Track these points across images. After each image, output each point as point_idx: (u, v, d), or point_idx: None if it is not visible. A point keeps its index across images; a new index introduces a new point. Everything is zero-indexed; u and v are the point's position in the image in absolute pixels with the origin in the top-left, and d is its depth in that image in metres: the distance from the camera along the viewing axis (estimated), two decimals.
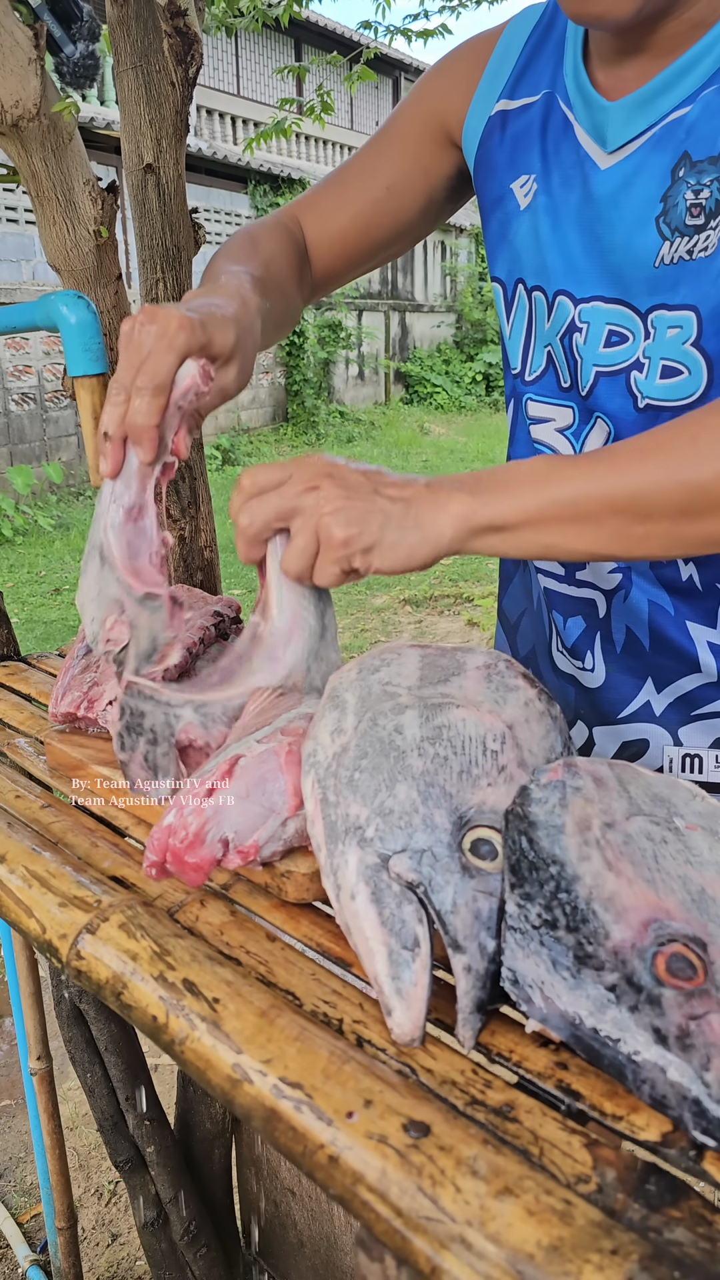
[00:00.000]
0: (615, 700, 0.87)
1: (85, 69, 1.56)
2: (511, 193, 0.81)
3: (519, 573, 0.98)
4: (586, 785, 0.52)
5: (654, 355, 0.74)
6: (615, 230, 0.73)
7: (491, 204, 0.84)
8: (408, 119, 0.91)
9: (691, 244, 0.69)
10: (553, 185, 0.78)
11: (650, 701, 0.85)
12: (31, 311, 1.00)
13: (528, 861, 0.47)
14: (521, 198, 0.80)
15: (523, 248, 0.81)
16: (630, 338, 0.75)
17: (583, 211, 0.76)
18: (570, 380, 0.80)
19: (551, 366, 0.82)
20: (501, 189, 0.82)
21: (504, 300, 0.85)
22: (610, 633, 0.85)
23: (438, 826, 0.49)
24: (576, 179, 0.76)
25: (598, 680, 0.87)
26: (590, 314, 0.77)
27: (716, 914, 0.45)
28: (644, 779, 0.53)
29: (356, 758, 0.53)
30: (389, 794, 0.50)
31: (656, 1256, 0.33)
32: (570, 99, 0.78)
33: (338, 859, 0.49)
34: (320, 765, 0.54)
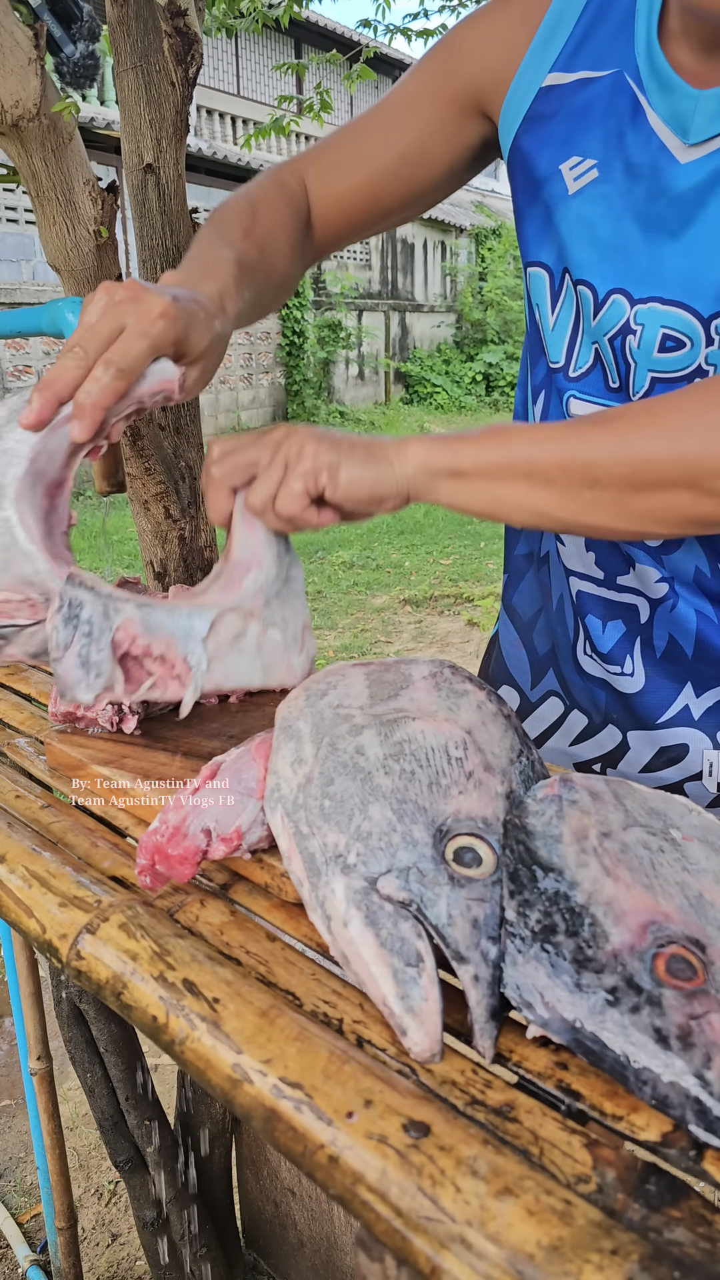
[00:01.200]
0: (653, 705, 0.85)
1: (85, 69, 1.56)
2: (560, 174, 0.75)
3: (532, 570, 0.96)
4: (582, 798, 0.52)
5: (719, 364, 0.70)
6: (694, 229, 0.69)
7: (535, 185, 0.77)
8: (433, 79, 0.83)
9: None
10: (614, 173, 0.72)
11: (689, 705, 0.84)
12: (37, 317, 1.00)
13: (526, 870, 0.48)
14: (571, 181, 0.74)
15: (570, 236, 0.75)
16: (689, 344, 0.71)
17: (651, 205, 0.70)
18: (620, 382, 0.77)
19: (599, 364, 0.78)
20: (548, 169, 0.76)
21: (549, 289, 0.79)
22: (652, 639, 0.84)
23: (418, 842, 0.49)
24: (645, 169, 0.70)
25: (636, 685, 0.86)
26: (646, 316, 0.72)
27: (715, 918, 0.45)
28: (640, 794, 0.54)
29: (323, 785, 0.52)
30: (363, 817, 0.50)
31: (656, 1256, 0.33)
32: (644, 80, 0.71)
33: (323, 890, 0.48)
34: (287, 799, 0.53)
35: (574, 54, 0.75)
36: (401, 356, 13.87)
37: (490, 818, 0.51)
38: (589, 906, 0.46)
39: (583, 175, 0.74)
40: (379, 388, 13.14)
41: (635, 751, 0.88)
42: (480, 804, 0.51)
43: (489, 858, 0.48)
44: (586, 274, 0.75)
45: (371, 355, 12.88)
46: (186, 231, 1.79)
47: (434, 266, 14.93)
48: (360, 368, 12.63)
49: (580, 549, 0.85)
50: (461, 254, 15.65)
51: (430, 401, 13.61)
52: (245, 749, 0.59)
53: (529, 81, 0.77)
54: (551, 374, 0.82)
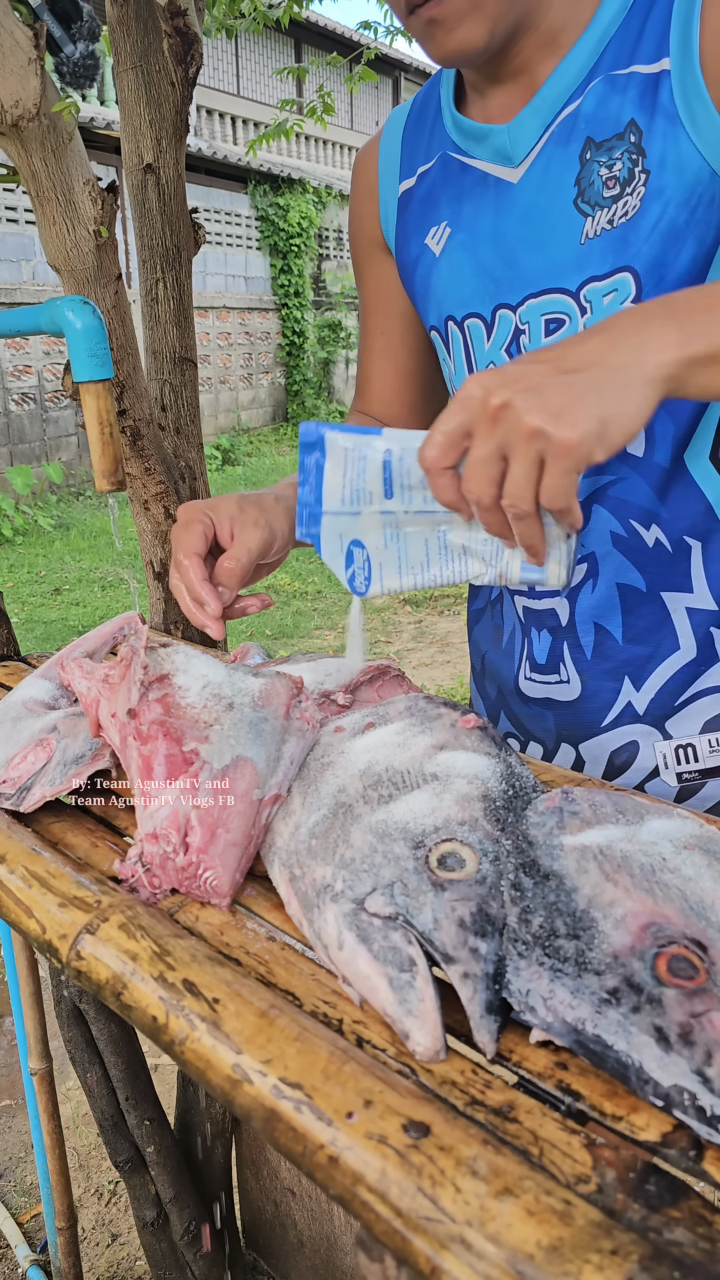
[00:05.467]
0: (596, 708, 0.86)
1: (85, 69, 1.56)
2: (426, 247, 0.86)
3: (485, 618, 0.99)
4: (583, 809, 0.53)
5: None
6: (537, 226, 0.77)
7: (411, 266, 0.89)
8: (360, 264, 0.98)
9: (611, 213, 0.73)
10: (463, 219, 0.82)
11: (632, 702, 0.85)
12: (37, 316, 1.00)
13: (528, 879, 0.48)
14: (435, 246, 0.85)
15: (446, 287, 0.85)
16: (566, 320, 0.78)
17: (500, 226, 0.79)
18: None
19: None
20: (418, 248, 0.87)
21: (443, 344, 0.88)
22: (578, 640, 0.86)
23: (400, 857, 0.50)
24: (489, 203, 0.80)
25: (574, 691, 0.87)
26: (528, 313, 0.79)
27: (715, 920, 0.45)
28: (640, 805, 0.54)
29: (309, 828, 0.55)
30: (346, 846, 0.52)
31: (656, 1256, 0.33)
32: (460, 146, 0.83)
33: (318, 922, 0.50)
34: (282, 850, 0.56)
35: (409, 162, 0.89)
36: None
37: (468, 819, 0.52)
38: (589, 910, 0.46)
39: (441, 237, 0.85)
40: None
41: (591, 764, 0.88)
42: (458, 809, 0.52)
43: (471, 858, 0.49)
44: (472, 306, 0.83)
45: None
46: (186, 231, 1.79)
47: None
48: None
49: None
50: None
51: None
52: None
53: (388, 200, 0.91)
54: None
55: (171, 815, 0.55)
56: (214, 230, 10.10)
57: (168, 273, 1.79)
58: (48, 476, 7.31)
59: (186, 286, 1.83)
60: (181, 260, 1.80)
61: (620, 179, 0.73)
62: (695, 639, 0.82)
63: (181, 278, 1.81)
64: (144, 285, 1.82)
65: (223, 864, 0.55)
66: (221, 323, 10.06)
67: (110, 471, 1.01)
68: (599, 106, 0.74)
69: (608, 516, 0.81)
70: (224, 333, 10.10)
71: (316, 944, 0.50)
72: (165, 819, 0.55)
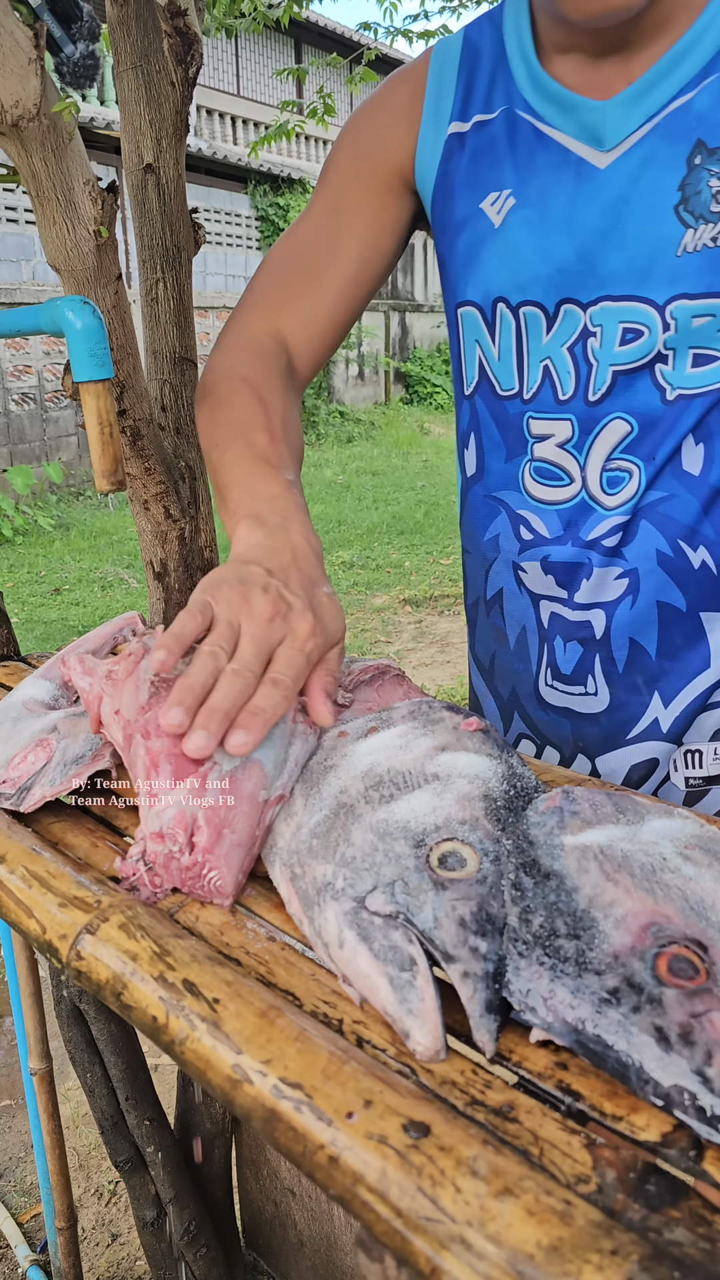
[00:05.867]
0: (622, 721, 0.85)
1: (85, 69, 1.56)
2: (481, 212, 0.78)
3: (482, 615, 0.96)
4: (584, 809, 0.53)
5: (679, 345, 0.73)
6: (626, 223, 0.72)
7: (456, 227, 0.81)
8: (352, 179, 0.86)
9: (716, 231, 0.69)
10: (531, 192, 0.76)
11: (658, 719, 0.83)
12: (37, 316, 1.00)
13: (528, 879, 0.48)
14: (494, 215, 0.78)
15: (500, 266, 0.78)
16: (645, 332, 0.74)
17: (577, 213, 0.74)
18: (573, 389, 0.79)
19: (548, 380, 0.80)
20: (468, 209, 0.79)
21: (485, 325, 0.82)
22: (611, 654, 0.83)
23: (401, 855, 0.50)
24: (565, 183, 0.74)
25: (601, 704, 0.85)
26: (602, 316, 0.75)
27: (716, 920, 0.45)
28: (640, 805, 0.54)
29: (311, 828, 0.55)
30: (347, 844, 0.52)
31: (656, 1256, 0.33)
32: (536, 108, 0.76)
33: (319, 920, 0.50)
34: (283, 850, 0.56)
35: (464, 104, 0.80)
36: (401, 356, 13.87)
37: (469, 819, 0.52)
38: (590, 910, 0.46)
39: (503, 206, 0.77)
40: (379, 388, 13.14)
41: (605, 777, 0.87)
42: (459, 808, 0.52)
43: (472, 858, 0.49)
44: (530, 295, 0.77)
45: (371, 355, 12.88)
46: (186, 231, 1.79)
47: (434, 267, 14.93)
48: (360, 368, 12.63)
49: (540, 571, 0.86)
50: None
51: (430, 401, 13.62)
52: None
53: (433, 139, 0.81)
54: (501, 403, 0.84)
55: (179, 814, 0.56)
56: (214, 230, 10.11)
57: (168, 273, 1.79)
58: (48, 476, 7.31)
59: (186, 286, 1.83)
60: (181, 260, 1.80)
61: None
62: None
63: (181, 278, 1.81)
64: (144, 285, 1.82)
65: (227, 864, 0.55)
66: (221, 323, 10.07)
67: (110, 471, 1.01)
68: (714, 106, 0.68)
69: (654, 534, 0.79)
70: None
71: (317, 943, 0.50)
72: (173, 818, 0.55)
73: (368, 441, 10.86)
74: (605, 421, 0.78)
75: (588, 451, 0.80)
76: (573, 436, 0.80)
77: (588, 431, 0.79)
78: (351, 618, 4.87)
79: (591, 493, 0.80)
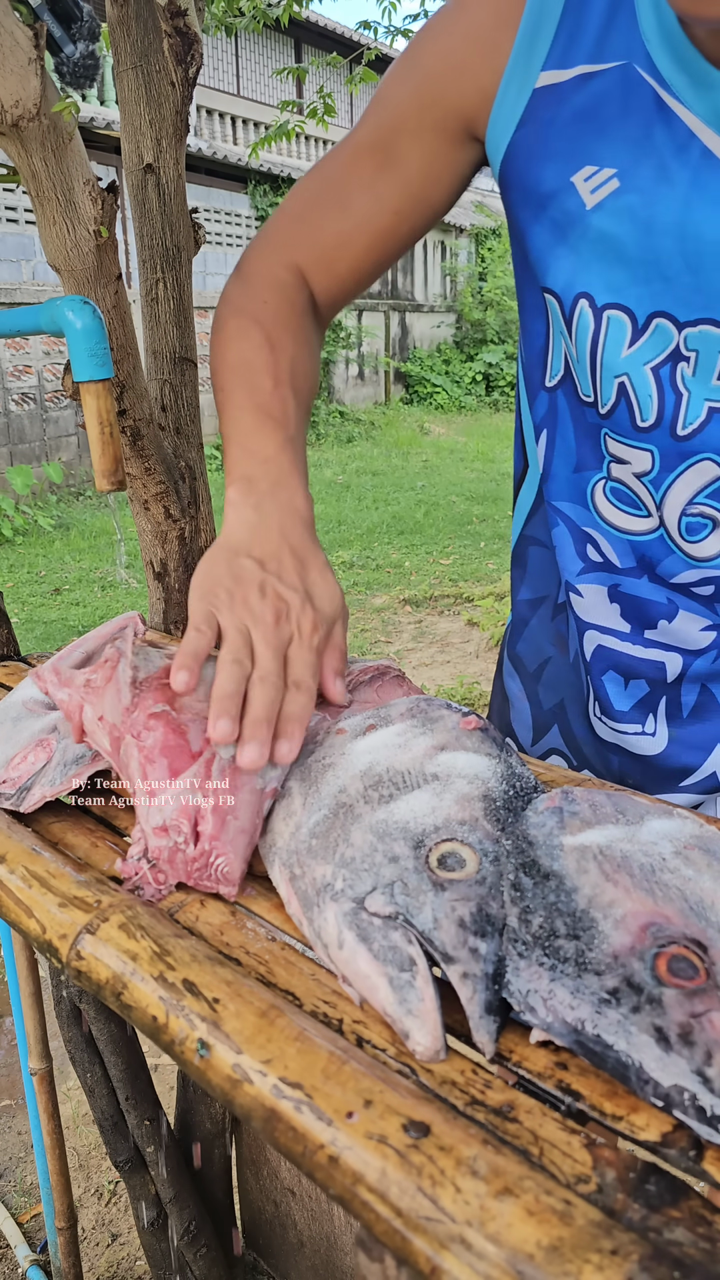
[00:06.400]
0: (676, 770, 0.80)
1: (85, 69, 1.56)
2: (572, 187, 0.65)
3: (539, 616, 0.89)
4: (583, 810, 0.53)
5: None
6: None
7: (540, 200, 0.67)
8: (410, 112, 0.71)
9: None
10: (641, 182, 0.63)
11: (717, 772, 0.79)
12: (37, 315, 1.00)
13: (527, 879, 0.48)
14: (588, 194, 0.64)
15: (592, 257, 0.66)
16: None
17: (693, 213, 0.62)
18: (655, 417, 0.69)
19: (624, 400, 0.70)
20: (557, 182, 0.66)
21: (563, 318, 0.71)
22: (679, 696, 0.78)
23: (400, 856, 0.50)
24: (685, 173, 0.61)
25: (658, 746, 0.79)
26: (699, 340, 0.65)
27: (715, 920, 0.45)
28: (640, 806, 0.54)
29: (310, 828, 0.55)
30: (346, 845, 0.52)
31: (656, 1256, 0.33)
32: (663, 73, 0.61)
33: (318, 922, 0.50)
34: (282, 850, 0.56)
35: (569, 46, 0.64)
36: (401, 356, 13.87)
37: (468, 819, 0.52)
38: (589, 910, 0.46)
39: (601, 187, 0.64)
40: (379, 388, 13.14)
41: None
42: (458, 808, 0.53)
43: (471, 858, 0.49)
44: (620, 298, 0.66)
45: (371, 355, 12.88)
46: (186, 231, 1.79)
47: (434, 266, 14.94)
48: (360, 367, 12.63)
49: (603, 598, 0.78)
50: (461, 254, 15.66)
51: (430, 401, 13.62)
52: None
53: (519, 86, 0.66)
54: (581, 408, 0.75)
55: (182, 807, 0.56)
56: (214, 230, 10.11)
57: (168, 273, 1.79)
58: (48, 476, 7.31)
59: (186, 286, 1.83)
60: (181, 260, 1.80)
61: None
62: None
63: (181, 278, 1.81)
64: (144, 285, 1.82)
65: (234, 850, 0.55)
66: None
67: (110, 471, 1.01)
68: None
69: None
70: None
71: (316, 943, 0.50)
72: (175, 811, 0.56)
73: (368, 441, 10.86)
74: (693, 460, 0.69)
75: (666, 490, 0.72)
76: (652, 470, 0.71)
77: (670, 469, 0.70)
78: (352, 618, 4.87)
79: (670, 534, 0.73)
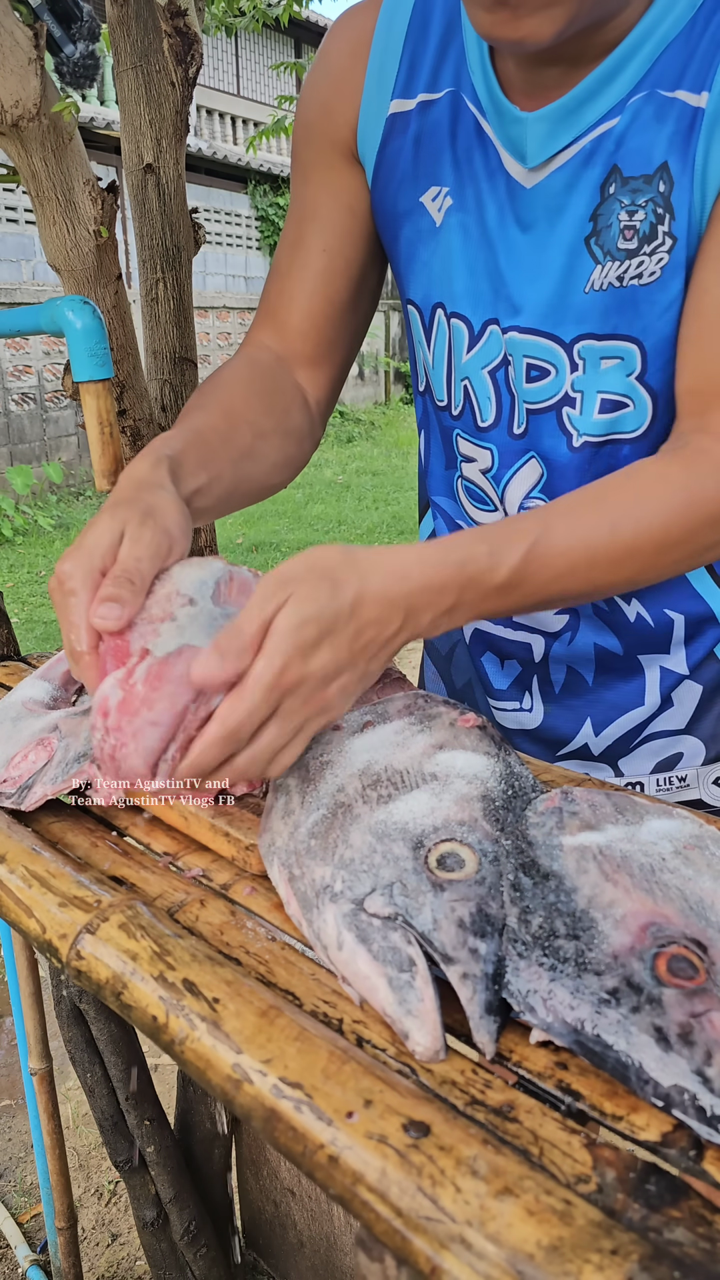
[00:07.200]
0: (552, 740, 0.85)
1: (85, 69, 1.56)
2: (422, 207, 0.71)
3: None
4: (583, 810, 0.53)
5: (587, 389, 0.69)
6: (543, 251, 0.66)
7: (398, 219, 0.73)
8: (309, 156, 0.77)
9: (622, 269, 0.64)
10: (467, 200, 0.69)
11: (588, 744, 0.83)
12: (37, 315, 1.00)
13: (527, 879, 0.49)
14: (435, 213, 0.71)
15: (439, 270, 0.72)
16: (552, 371, 0.69)
17: (505, 232, 0.68)
18: (494, 417, 0.74)
19: (467, 402, 0.75)
20: (409, 202, 0.72)
21: (423, 329, 0.76)
22: (549, 675, 0.82)
23: (400, 857, 0.50)
24: (497, 195, 0.68)
25: (535, 720, 0.85)
26: (513, 347, 0.70)
27: (715, 921, 0.45)
28: (640, 805, 0.54)
29: (309, 828, 0.54)
30: (345, 846, 0.52)
31: (656, 1256, 0.33)
32: (481, 101, 0.67)
33: (318, 923, 0.50)
34: (281, 850, 0.55)
35: (409, 78, 0.70)
36: (402, 356, 13.87)
37: (467, 819, 0.52)
38: (589, 910, 0.46)
39: (443, 205, 0.70)
40: (379, 387, 13.15)
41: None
42: (457, 809, 0.52)
43: (471, 859, 0.49)
44: (460, 306, 0.71)
45: (371, 355, 12.88)
46: (186, 231, 1.79)
47: None
48: (360, 367, 12.63)
49: None
50: None
51: None
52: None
53: (375, 114, 0.72)
54: (438, 411, 0.79)
55: (101, 701, 0.53)
56: (214, 230, 10.11)
57: (168, 273, 1.79)
58: (48, 476, 7.31)
59: (186, 286, 1.83)
60: (181, 260, 1.80)
61: (640, 233, 0.63)
62: (660, 694, 0.80)
63: (181, 278, 1.81)
64: (144, 285, 1.82)
65: (135, 741, 0.52)
66: (221, 323, 10.07)
67: (110, 471, 1.01)
68: (633, 129, 0.62)
69: None
70: (224, 333, 10.10)
71: (316, 944, 0.50)
72: (96, 707, 0.53)
73: (368, 441, 10.86)
74: (523, 460, 0.74)
75: (505, 485, 0.76)
76: (492, 467, 0.76)
77: (507, 465, 0.75)
78: None
79: None
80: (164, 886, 0.58)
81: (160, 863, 0.62)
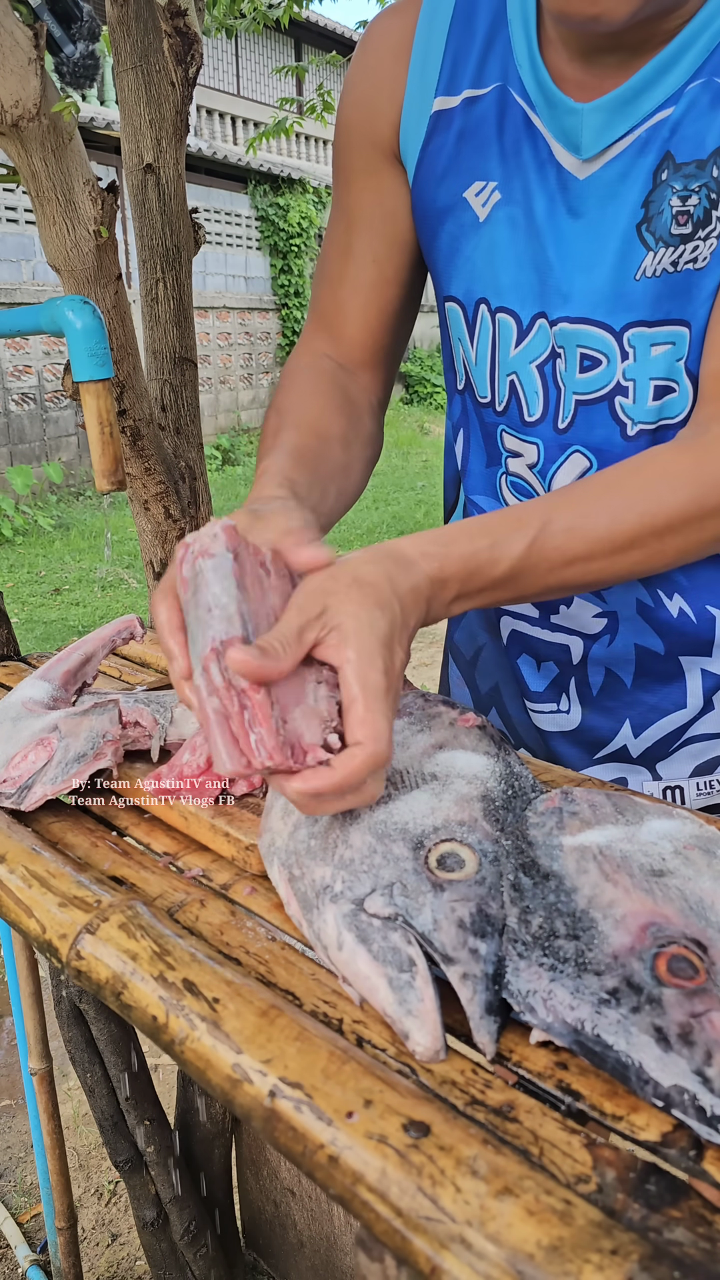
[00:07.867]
0: (590, 741, 0.84)
1: (85, 69, 1.56)
2: (465, 202, 0.72)
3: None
4: (583, 810, 0.53)
5: (639, 376, 0.69)
6: (596, 241, 0.67)
7: (439, 215, 0.74)
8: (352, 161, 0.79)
9: (677, 255, 0.64)
10: (515, 193, 0.70)
11: (627, 745, 0.83)
12: (37, 315, 1.00)
13: (527, 879, 0.49)
14: (479, 208, 0.71)
15: (483, 264, 0.72)
16: (604, 361, 0.69)
17: (556, 224, 0.68)
18: (541, 412, 0.74)
19: (514, 397, 0.75)
20: (451, 198, 0.73)
21: (465, 325, 0.76)
22: (587, 677, 0.82)
23: (400, 858, 0.50)
24: (547, 187, 0.68)
25: (573, 722, 0.84)
26: (563, 338, 0.70)
27: (715, 920, 0.45)
28: (639, 806, 0.54)
29: (309, 828, 0.54)
30: (345, 846, 0.52)
31: (656, 1256, 0.33)
32: (530, 94, 0.68)
33: (318, 923, 0.50)
34: (281, 850, 0.55)
35: (453, 75, 0.71)
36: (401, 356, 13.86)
37: (467, 820, 0.52)
38: (589, 911, 0.46)
39: (489, 200, 0.70)
40: None
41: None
42: (457, 809, 0.53)
43: (471, 859, 0.49)
44: (507, 300, 0.72)
45: None
46: (186, 231, 1.79)
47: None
48: None
49: None
50: None
51: (430, 401, 13.62)
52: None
53: (418, 113, 0.73)
54: (479, 409, 0.80)
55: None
56: (214, 230, 10.10)
57: (168, 273, 1.79)
58: (48, 476, 7.31)
59: (186, 286, 1.83)
60: (181, 260, 1.80)
61: (694, 218, 0.63)
62: (702, 697, 0.79)
63: (181, 278, 1.81)
64: (144, 285, 1.82)
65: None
66: (221, 323, 10.06)
67: (110, 471, 1.01)
68: (689, 116, 0.63)
69: (634, 582, 0.76)
70: (224, 333, 10.10)
71: (316, 944, 0.50)
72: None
73: None
74: (569, 453, 0.74)
75: (550, 480, 0.76)
76: (539, 462, 0.76)
77: (552, 460, 0.75)
78: None
79: None
80: (164, 886, 0.58)
81: (160, 863, 0.62)
